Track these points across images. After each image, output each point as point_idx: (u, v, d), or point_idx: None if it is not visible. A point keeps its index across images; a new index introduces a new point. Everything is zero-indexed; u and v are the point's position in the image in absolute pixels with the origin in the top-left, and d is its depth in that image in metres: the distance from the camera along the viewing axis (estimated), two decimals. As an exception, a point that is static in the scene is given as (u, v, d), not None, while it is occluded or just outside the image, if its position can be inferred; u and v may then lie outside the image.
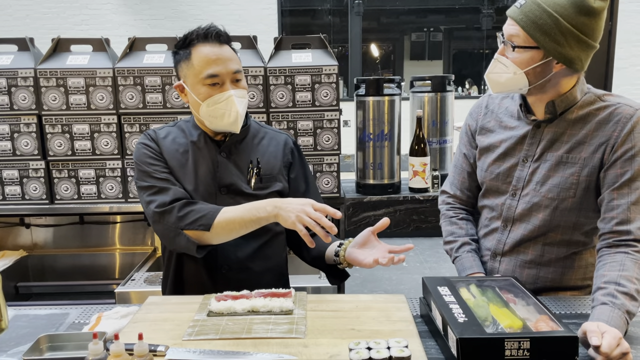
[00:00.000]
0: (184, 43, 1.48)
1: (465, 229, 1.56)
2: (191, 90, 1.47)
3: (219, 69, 1.44)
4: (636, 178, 1.28)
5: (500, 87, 1.38)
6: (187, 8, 8.21)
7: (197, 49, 1.45)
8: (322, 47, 2.37)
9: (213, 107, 1.44)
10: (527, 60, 1.30)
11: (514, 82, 1.34)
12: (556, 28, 1.25)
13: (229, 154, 1.52)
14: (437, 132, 2.62)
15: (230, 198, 1.50)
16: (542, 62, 1.30)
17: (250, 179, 1.52)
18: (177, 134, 1.55)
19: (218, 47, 1.46)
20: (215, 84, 1.45)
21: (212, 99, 1.44)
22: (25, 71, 2.21)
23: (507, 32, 1.34)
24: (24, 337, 1.26)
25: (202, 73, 1.44)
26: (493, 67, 1.37)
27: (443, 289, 1.25)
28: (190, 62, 1.45)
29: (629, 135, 1.29)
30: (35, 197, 2.30)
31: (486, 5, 10.49)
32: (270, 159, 1.55)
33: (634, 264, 1.22)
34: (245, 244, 1.51)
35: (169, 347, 1.12)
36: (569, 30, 1.26)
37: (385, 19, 12.06)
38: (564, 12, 1.25)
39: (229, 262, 1.51)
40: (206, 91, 1.45)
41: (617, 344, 1.05)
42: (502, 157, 1.45)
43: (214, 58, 1.44)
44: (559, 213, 1.38)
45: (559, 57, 1.28)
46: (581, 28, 1.26)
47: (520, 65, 1.31)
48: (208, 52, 1.44)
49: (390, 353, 1.03)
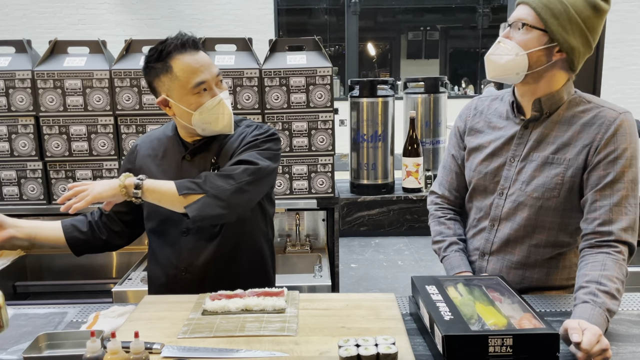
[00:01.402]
0: (160, 56, 1.44)
1: (453, 229, 1.59)
2: (179, 103, 1.46)
3: (204, 76, 1.44)
4: (618, 180, 1.32)
5: (499, 70, 1.40)
6: (183, 8, 8.23)
7: (177, 60, 1.43)
8: (317, 49, 2.41)
9: (206, 114, 1.45)
10: (533, 41, 1.35)
11: (514, 65, 1.37)
12: (565, 14, 1.32)
13: (193, 156, 1.54)
14: (430, 133, 2.66)
15: None
16: (545, 47, 1.35)
17: None
18: (155, 137, 1.61)
19: (196, 54, 1.45)
20: (204, 90, 1.45)
21: (205, 106, 1.45)
22: (23, 73, 2.24)
23: (516, 15, 1.38)
24: (23, 335, 1.29)
25: (190, 83, 1.43)
26: (495, 49, 1.40)
27: (431, 288, 1.29)
28: (173, 74, 1.43)
29: (611, 138, 1.33)
30: (33, 197, 2.32)
31: (482, 4, 10.52)
32: (229, 154, 1.52)
33: (614, 264, 1.26)
34: (204, 246, 1.53)
35: (164, 344, 1.16)
36: (576, 20, 1.33)
37: (381, 18, 12.09)
38: (574, 3, 1.33)
39: (186, 265, 1.54)
40: (196, 100, 1.45)
41: (597, 340, 1.08)
42: (490, 157, 1.49)
43: (197, 66, 1.44)
44: (543, 212, 1.41)
45: (563, 43, 1.34)
46: (586, 21, 1.33)
47: (525, 46, 1.36)
48: (190, 61, 1.43)
49: (377, 350, 1.06)
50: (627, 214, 1.30)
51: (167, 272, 1.56)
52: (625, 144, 1.32)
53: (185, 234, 1.53)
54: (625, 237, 1.29)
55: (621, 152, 1.32)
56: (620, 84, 7.94)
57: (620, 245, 1.29)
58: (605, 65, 2.64)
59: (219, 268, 1.54)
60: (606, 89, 8.26)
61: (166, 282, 1.56)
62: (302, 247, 2.48)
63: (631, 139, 1.33)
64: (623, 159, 1.32)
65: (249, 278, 1.58)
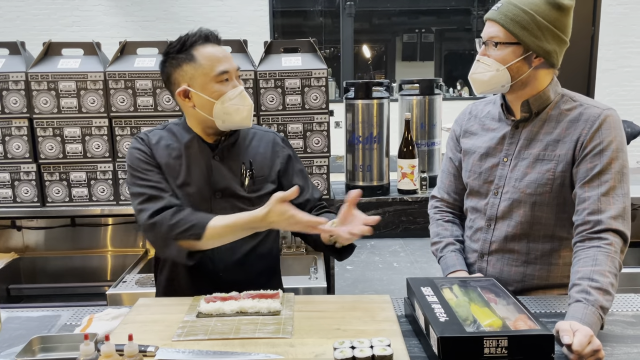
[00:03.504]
0: (184, 46, 1.48)
1: (451, 230, 1.62)
2: (201, 92, 1.47)
3: (227, 65, 1.48)
4: (605, 171, 1.35)
5: (485, 86, 1.45)
6: (178, 10, 8.21)
7: (201, 50, 1.47)
8: (312, 51, 2.41)
9: (228, 103, 1.47)
10: (509, 55, 1.40)
11: (498, 79, 1.42)
12: (533, 24, 1.36)
13: (222, 157, 1.54)
14: (425, 135, 2.66)
15: (225, 201, 1.52)
16: (522, 57, 1.40)
17: (243, 181, 1.54)
18: (168, 138, 1.55)
19: (218, 47, 1.51)
20: (226, 79, 1.48)
21: (226, 95, 1.47)
22: (17, 75, 2.23)
23: (487, 33, 1.43)
24: (16, 338, 1.28)
25: (214, 70, 1.46)
26: (476, 68, 1.46)
27: (426, 290, 1.29)
28: (197, 62, 1.46)
29: (597, 132, 1.37)
30: (27, 199, 2.31)
31: (477, 7, 10.56)
32: (262, 160, 1.57)
33: (606, 258, 1.27)
34: (239, 245, 1.53)
35: (158, 347, 1.15)
36: (545, 25, 1.37)
37: (377, 20, 12.11)
38: (538, 10, 1.36)
39: (224, 264, 1.53)
40: (219, 88, 1.47)
41: (589, 341, 1.09)
42: (484, 157, 1.52)
43: (221, 56, 1.48)
44: (538, 208, 1.44)
45: (538, 50, 1.38)
46: (555, 23, 1.37)
47: (503, 61, 1.40)
48: (214, 51, 1.48)
49: (373, 352, 1.06)
50: (615, 204, 1.33)
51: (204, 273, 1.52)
52: (611, 137, 1.36)
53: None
54: (616, 225, 1.31)
55: (607, 145, 1.35)
56: (614, 86, 7.98)
57: (610, 235, 1.30)
58: (599, 67, 2.66)
59: (251, 265, 1.56)
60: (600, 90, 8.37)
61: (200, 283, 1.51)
62: (298, 249, 2.48)
63: (616, 132, 1.37)
64: (609, 150, 1.35)
65: (265, 275, 1.61)
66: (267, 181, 1.57)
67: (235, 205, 1.51)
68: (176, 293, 1.54)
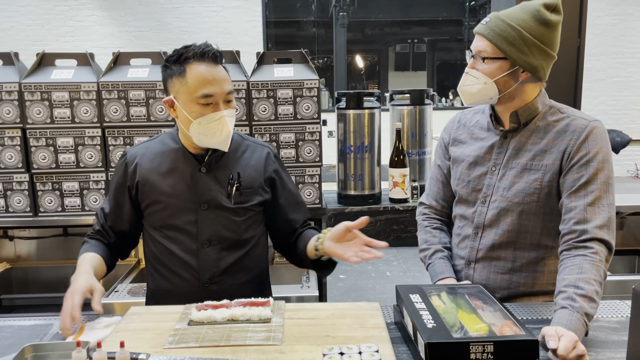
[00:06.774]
0: (179, 59, 1.47)
1: (439, 237, 1.64)
2: (182, 107, 1.47)
3: (214, 89, 1.45)
4: (591, 182, 1.37)
5: (473, 98, 1.48)
6: (172, 20, 8.25)
7: (193, 67, 1.45)
8: (304, 62, 2.44)
9: (205, 125, 1.46)
10: (496, 70, 1.42)
11: (485, 92, 1.45)
12: (520, 39, 1.39)
13: (209, 168, 1.55)
14: (416, 144, 2.70)
15: (211, 213, 1.53)
16: (509, 71, 1.42)
17: (230, 193, 1.55)
18: (157, 150, 1.57)
19: (213, 67, 1.47)
20: (209, 103, 1.46)
21: (205, 117, 1.45)
22: (10, 85, 2.24)
23: (476, 47, 1.46)
24: (8, 347, 1.29)
25: (197, 92, 1.44)
26: (465, 80, 1.48)
27: (415, 297, 1.31)
28: (185, 79, 1.45)
29: (583, 143, 1.40)
30: (19, 209, 2.32)
31: (468, 18, 10.68)
32: (251, 173, 1.58)
33: (591, 266, 1.29)
34: (226, 256, 1.55)
35: (150, 355, 1.16)
36: (532, 41, 1.39)
37: (369, 30, 12.21)
38: (525, 25, 1.39)
39: (210, 275, 1.54)
40: (199, 110, 1.45)
41: (574, 346, 1.11)
42: (473, 166, 1.55)
43: (210, 78, 1.45)
44: (525, 217, 1.46)
45: (525, 65, 1.41)
46: (541, 39, 1.40)
47: (490, 75, 1.43)
48: (204, 72, 1.45)
49: (361, 357, 1.08)
50: (600, 214, 1.35)
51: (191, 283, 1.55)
52: (597, 148, 1.39)
53: (206, 245, 1.55)
54: (601, 235, 1.33)
55: (593, 156, 1.38)
56: (603, 96, 8.07)
57: (596, 245, 1.33)
58: (589, 78, 2.71)
59: (238, 276, 1.58)
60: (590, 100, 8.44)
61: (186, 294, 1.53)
62: (290, 258, 2.48)
63: (602, 143, 1.40)
64: (595, 161, 1.38)
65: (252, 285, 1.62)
66: (254, 194, 1.58)
67: (221, 216, 1.53)
68: (164, 302, 1.55)
